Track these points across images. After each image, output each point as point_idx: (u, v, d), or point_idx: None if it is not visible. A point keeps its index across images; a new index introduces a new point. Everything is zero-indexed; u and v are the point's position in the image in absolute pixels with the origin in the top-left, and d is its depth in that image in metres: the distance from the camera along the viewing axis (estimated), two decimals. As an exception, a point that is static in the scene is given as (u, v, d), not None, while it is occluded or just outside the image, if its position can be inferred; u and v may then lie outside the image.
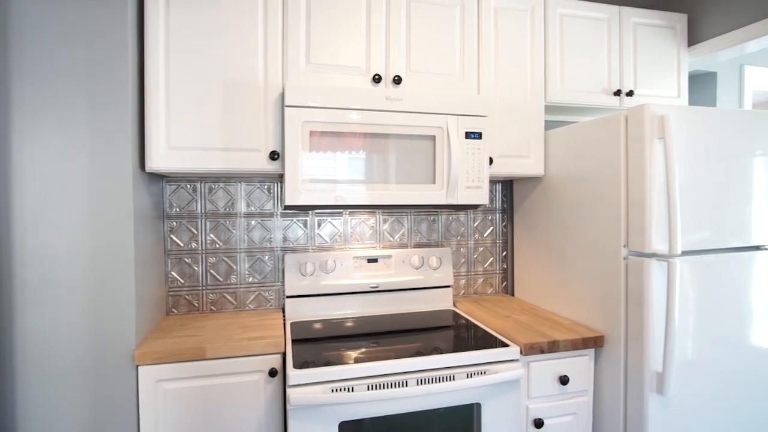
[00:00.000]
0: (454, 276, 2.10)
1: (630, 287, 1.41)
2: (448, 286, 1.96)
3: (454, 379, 1.33)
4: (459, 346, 1.42)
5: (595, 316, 1.56)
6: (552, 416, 1.48)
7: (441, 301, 1.95)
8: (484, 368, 1.37)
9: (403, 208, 1.68)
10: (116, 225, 1.34)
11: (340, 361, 1.30)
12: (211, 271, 1.83)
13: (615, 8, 1.94)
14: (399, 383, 1.30)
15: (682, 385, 1.40)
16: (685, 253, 1.42)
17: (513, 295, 2.14)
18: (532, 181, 1.95)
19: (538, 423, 1.44)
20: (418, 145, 1.58)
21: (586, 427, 1.52)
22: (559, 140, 1.75)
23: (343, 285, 1.84)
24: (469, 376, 1.35)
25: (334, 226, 1.95)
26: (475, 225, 2.12)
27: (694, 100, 2.45)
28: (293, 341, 1.50)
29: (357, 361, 1.30)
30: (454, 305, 1.98)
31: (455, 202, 1.60)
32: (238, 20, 1.52)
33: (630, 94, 1.93)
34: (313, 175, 1.48)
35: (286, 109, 1.45)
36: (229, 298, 1.84)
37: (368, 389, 1.27)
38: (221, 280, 1.84)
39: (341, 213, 1.96)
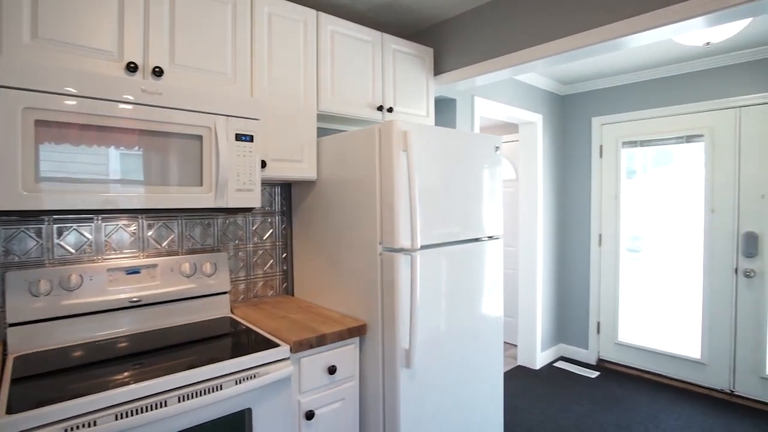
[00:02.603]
0: (233, 281, 2.04)
1: (384, 279, 1.63)
2: (225, 293, 1.89)
3: (221, 388, 1.29)
4: (229, 354, 1.38)
5: (360, 307, 1.74)
6: (322, 406, 1.58)
7: (217, 309, 1.87)
8: (255, 372, 1.37)
9: (172, 212, 1.54)
10: None
11: (81, 393, 1.11)
12: None
13: (378, 34, 2.20)
14: (158, 404, 1.18)
15: (424, 357, 1.68)
16: (431, 246, 1.71)
17: (293, 295, 2.20)
18: (307, 184, 2.05)
19: (309, 415, 1.52)
20: (183, 144, 1.47)
21: (353, 409, 1.68)
22: (330, 147, 1.89)
23: (94, 303, 1.57)
24: (239, 382, 1.33)
25: (82, 234, 1.65)
26: (254, 228, 2.10)
27: (441, 120, 2.97)
28: (14, 381, 1.21)
29: (111, 387, 1.13)
30: (232, 311, 1.92)
31: (225, 206, 1.55)
32: None
33: (390, 110, 2.22)
34: (44, 173, 1.22)
35: (-2, 90, 1.16)
36: None
37: (116, 419, 1.12)
38: None
39: (92, 218, 1.67)
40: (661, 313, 3.45)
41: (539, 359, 3.67)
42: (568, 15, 1.95)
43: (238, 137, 1.59)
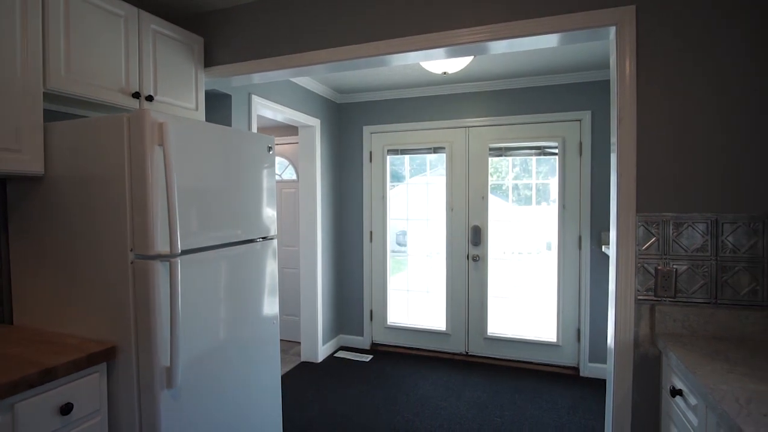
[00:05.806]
0: None
1: (138, 291, 1.42)
2: None
3: None
4: None
5: (108, 327, 1.47)
6: (52, 456, 1.27)
7: None
8: (-68, 435, 1.00)
9: None
10: None
11: None
12: None
13: (134, 9, 1.91)
14: None
15: (193, 372, 1.54)
16: (197, 250, 1.58)
17: (12, 323, 1.71)
18: (31, 181, 1.62)
19: (31, 472, 1.20)
20: None
21: (100, 449, 1.41)
22: (65, 135, 1.54)
23: None
24: None
25: None
26: (-58, 238, 1.55)
27: (216, 117, 2.78)
28: None
29: None
30: None
31: None
32: None
33: (150, 99, 1.96)
34: None
35: None
36: None
37: None
38: None
39: None
40: (420, 296, 4.08)
41: (321, 352, 3.84)
42: (342, 26, 2.08)
43: None
